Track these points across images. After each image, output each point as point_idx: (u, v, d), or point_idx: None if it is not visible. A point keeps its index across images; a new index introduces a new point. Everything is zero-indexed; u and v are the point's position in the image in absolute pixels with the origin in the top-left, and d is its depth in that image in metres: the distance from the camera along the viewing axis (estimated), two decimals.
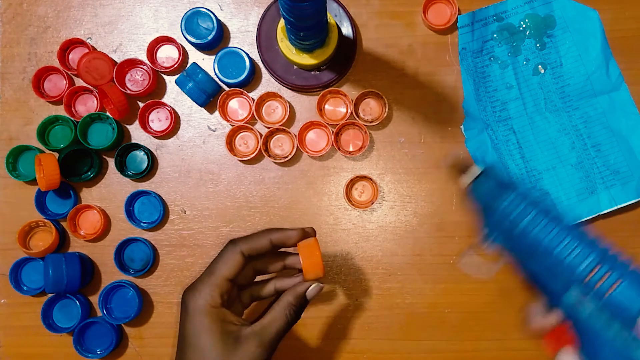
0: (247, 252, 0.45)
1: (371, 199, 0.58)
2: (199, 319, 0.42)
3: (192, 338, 0.42)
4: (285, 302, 0.45)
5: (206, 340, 0.42)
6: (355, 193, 0.59)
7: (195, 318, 0.42)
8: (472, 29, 0.58)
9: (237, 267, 0.44)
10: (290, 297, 0.45)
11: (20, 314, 0.59)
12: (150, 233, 0.59)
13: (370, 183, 0.58)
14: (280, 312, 0.44)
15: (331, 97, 0.59)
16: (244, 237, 0.45)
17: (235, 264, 0.44)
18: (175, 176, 0.60)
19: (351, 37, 0.58)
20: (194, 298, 0.43)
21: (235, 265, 0.44)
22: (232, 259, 0.44)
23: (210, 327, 0.42)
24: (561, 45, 0.59)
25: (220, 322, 0.42)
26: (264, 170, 0.60)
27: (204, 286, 0.43)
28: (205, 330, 0.42)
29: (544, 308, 0.43)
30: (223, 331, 0.42)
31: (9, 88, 0.61)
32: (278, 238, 0.46)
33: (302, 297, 0.46)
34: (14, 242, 0.57)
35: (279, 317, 0.44)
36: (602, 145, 0.58)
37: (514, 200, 0.41)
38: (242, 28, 0.60)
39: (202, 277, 0.44)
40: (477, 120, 0.58)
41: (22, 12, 0.61)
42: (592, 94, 0.58)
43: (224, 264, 0.44)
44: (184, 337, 0.43)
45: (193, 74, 0.57)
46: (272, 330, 0.43)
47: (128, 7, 0.61)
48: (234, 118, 0.59)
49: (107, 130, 0.59)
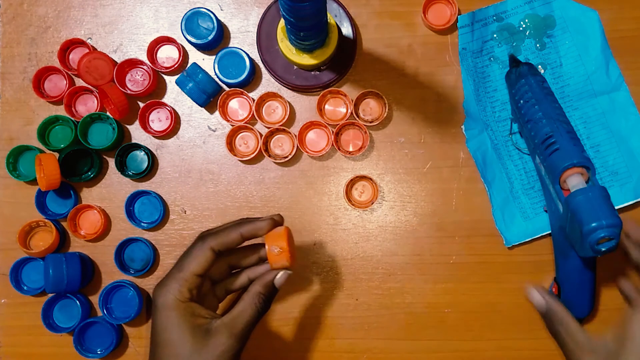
0: (217, 248, 0.44)
1: (371, 199, 0.58)
2: (167, 314, 0.42)
3: (162, 333, 0.42)
4: (253, 291, 0.45)
5: (175, 335, 0.42)
6: (355, 193, 0.59)
7: (164, 313, 0.43)
8: (472, 29, 0.58)
9: (207, 263, 0.44)
10: (259, 286, 0.45)
11: (21, 314, 0.59)
12: (150, 233, 0.59)
13: (370, 183, 0.58)
14: (250, 302, 0.44)
15: (331, 97, 0.59)
16: (214, 233, 0.45)
17: (204, 259, 0.44)
18: (175, 176, 0.60)
19: (351, 37, 0.58)
20: (162, 293, 0.43)
21: (204, 261, 0.44)
22: (202, 255, 0.44)
23: (179, 321, 0.42)
24: (561, 45, 0.59)
25: (190, 316, 0.43)
26: (264, 170, 0.60)
27: (172, 281, 0.43)
28: (174, 325, 0.42)
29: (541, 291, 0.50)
30: (192, 325, 0.42)
31: (9, 88, 0.61)
32: (248, 230, 0.45)
33: (271, 285, 0.46)
34: (14, 242, 0.57)
35: (249, 307, 0.44)
36: (602, 146, 0.58)
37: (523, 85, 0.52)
38: (242, 28, 0.60)
39: (170, 273, 0.44)
40: (477, 120, 0.59)
41: (22, 12, 0.61)
42: (592, 94, 0.58)
43: (193, 259, 0.44)
44: (155, 332, 0.43)
45: (193, 74, 0.57)
46: (242, 321, 0.43)
47: (128, 7, 0.61)
48: (234, 118, 0.59)
49: (108, 130, 0.59)
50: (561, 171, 0.47)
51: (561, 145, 0.48)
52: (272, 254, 0.45)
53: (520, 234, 0.58)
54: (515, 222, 0.58)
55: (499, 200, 0.58)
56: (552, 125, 0.49)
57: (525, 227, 0.58)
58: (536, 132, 0.50)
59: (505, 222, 0.58)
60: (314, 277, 0.59)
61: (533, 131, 0.51)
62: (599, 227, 0.43)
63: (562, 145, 0.48)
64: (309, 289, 0.58)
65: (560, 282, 0.54)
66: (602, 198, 0.44)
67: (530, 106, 0.51)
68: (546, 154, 0.49)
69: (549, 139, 0.49)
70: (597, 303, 0.58)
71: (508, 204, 0.58)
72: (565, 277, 0.53)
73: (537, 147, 0.50)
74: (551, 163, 0.48)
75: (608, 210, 0.43)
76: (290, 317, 0.58)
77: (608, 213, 0.43)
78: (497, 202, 0.58)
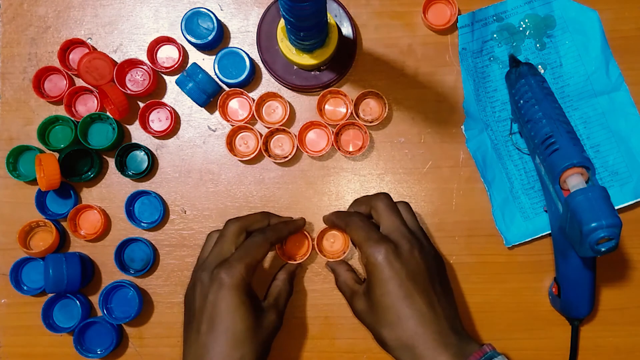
0: (273, 242, 0.51)
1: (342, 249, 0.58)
2: (233, 293, 0.46)
3: (225, 312, 0.46)
4: (282, 278, 0.55)
5: (241, 314, 0.46)
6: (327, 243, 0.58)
7: (231, 292, 0.46)
8: (472, 29, 0.58)
9: (266, 254, 0.51)
10: (285, 274, 0.55)
11: (21, 314, 0.59)
12: (150, 233, 0.59)
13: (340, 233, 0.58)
14: (282, 285, 0.54)
15: (331, 97, 0.59)
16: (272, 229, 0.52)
17: (265, 250, 0.50)
18: (175, 176, 0.60)
19: (351, 37, 0.58)
20: (231, 274, 0.47)
21: (265, 252, 0.50)
22: (264, 247, 0.50)
23: (243, 300, 0.47)
24: (561, 45, 0.59)
25: (250, 297, 0.48)
26: (264, 170, 0.60)
27: (240, 264, 0.47)
28: (238, 304, 0.46)
29: None
30: (252, 305, 0.48)
31: (9, 88, 0.61)
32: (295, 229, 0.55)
33: (293, 273, 0.56)
34: (14, 242, 0.57)
35: (283, 289, 0.54)
36: (601, 146, 0.58)
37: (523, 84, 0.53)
38: (242, 28, 0.60)
39: (236, 257, 0.48)
40: (477, 120, 0.59)
41: (22, 12, 0.61)
42: (592, 95, 0.58)
43: (259, 248, 0.50)
44: (216, 309, 0.46)
45: (193, 74, 0.57)
46: (282, 301, 0.53)
47: (128, 7, 0.61)
48: (234, 118, 0.59)
49: (108, 130, 0.59)
50: (561, 171, 0.47)
51: (561, 145, 0.48)
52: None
53: (520, 234, 0.58)
54: (515, 222, 0.58)
55: (499, 200, 0.58)
56: (552, 125, 0.49)
57: (525, 227, 0.58)
58: (536, 132, 0.50)
59: (505, 222, 0.58)
60: (314, 277, 0.59)
61: (533, 131, 0.51)
62: (598, 227, 0.43)
63: (562, 145, 0.48)
64: (309, 289, 0.58)
65: (560, 282, 0.54)
66: (602, 198, 0.44)
67: (530, 106, 0.51)
68: (546, 154, 0.49)
69: (549, 139, 0.49)
70: (597, 303, 0.58)
71: (508, 204, 0.58)
72: (565, 277, 0.53)
73: (537, 147, 0.50)
74: (551, 163, 0.48)
75: (608, 211, 0.43)
76: (290, 317, 0.58)
77: (608, 213, 0.43)
78: (497, 202, 0.58)
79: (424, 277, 0.47)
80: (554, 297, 0.56)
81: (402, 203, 0.52)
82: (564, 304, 0.54)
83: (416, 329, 0.45)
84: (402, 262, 0.46)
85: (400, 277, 0.45)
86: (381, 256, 0.46)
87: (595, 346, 0.58)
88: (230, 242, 0.50)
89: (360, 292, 0.50)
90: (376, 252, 0.46)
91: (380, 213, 0.50)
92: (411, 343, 0.45)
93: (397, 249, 0.46)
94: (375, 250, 0.46)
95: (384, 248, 0.46)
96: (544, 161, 0.50)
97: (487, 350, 0.45)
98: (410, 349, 0.45)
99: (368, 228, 0.49)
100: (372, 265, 0.46)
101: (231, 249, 0.50)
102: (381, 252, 0.46)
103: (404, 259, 0.46)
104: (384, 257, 0.46)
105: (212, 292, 0.47)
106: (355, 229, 0.49)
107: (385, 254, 0.46)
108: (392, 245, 0.46)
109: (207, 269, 0.48)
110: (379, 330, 0.47)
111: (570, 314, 0.55)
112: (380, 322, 0.47)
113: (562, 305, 0.55)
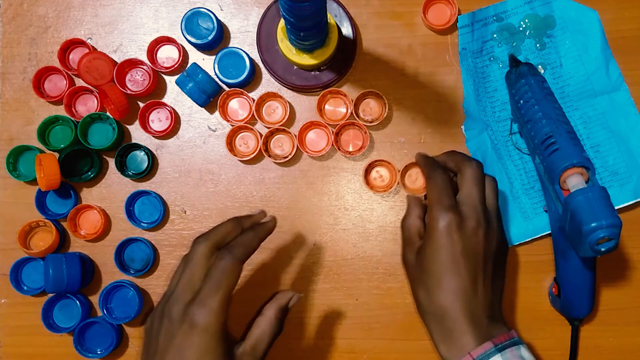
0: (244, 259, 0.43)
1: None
2: (207, 338, 0.40)
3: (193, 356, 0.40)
4: (269, 315, 0.45)
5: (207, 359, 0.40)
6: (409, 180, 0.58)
7: (202, 338, 0.40)
8: (472, 29, 0.58)
9: (238, 276, 0.43)
10: (274, 310, 0.46)
11: (20, 314, 0.59)
12: (150, 233, 0.59)
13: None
14: (267, 326, 0.45)
15: (331, 97, 0.59)
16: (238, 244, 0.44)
17: (238, 274, 0.42)
18: (175, 176, 0.60)
19: (351, 37, 0.58)
20: (204, 314, 0.40)
21: (238, 276, 0.42)
22: (236, 269, 0.42)
23: (217, 345, 0.41)
24: (561, 45, 0.59)
25: (224, 341, 0.41)
26: (264, 170, 0.60)
27: (213, 300, 0.40)
28: (210, 349, 0.40)
29: None
30: (225, 351, 0.41)
31: (9, 88, 0.61)
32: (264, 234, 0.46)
33: (285, 308, 0.47)
34: (14, 242, 0.57)
35: (267, 331, 0.45)
36: (601, 146, 0.58)
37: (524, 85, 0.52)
38: (242, 28, 0.60)
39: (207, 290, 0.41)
40: (477, 120, 0.59)
41: (22, 12, 0.61)
42: (592, 95, 0.58)
43: (231, 273, 0.42)
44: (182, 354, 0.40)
45: (193, 74, 0.57)
46: (262, 347, 0.44)
47: (128, 7, 0.61)
48: (234, 118, 0.59)
49: (108, 130, 0.59)
50: (561, 171, 0.47)
51: (561, 146, 0.48)
52: None
53: (520, 234, 0.58)
54: (515, 222, 0.58)
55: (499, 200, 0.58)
56: (552, 125, 0.49)
57: (525, 227, 0.58)
58: (536, 132, 0.50)
59: (506, 222, 0.58)
60: (314, 277, 0.59)
61: (533, 131, 0.51)
62: (598, 227, 0.43)
63: (561, 146, 0.48)
64: (309, 289, 0.58)
65: (560, 282, 0.54)
66: (601, 198, 0.44)
67: (530, 106, 0.51)
68: (546, 154, 0.49)
69: (549, 139, 0.49)
70: (597, 303, 0.58)
71: (508, 204, 0.58)
72: (565, 277, 0.53)
73: (536, 147, 0.50)
74: (551, 163, 0.48)
75: (608, 211, 0.43)
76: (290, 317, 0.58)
77: (608, 213, 0.43)
78: None
79: (479, 257, 0.46)
80: (554, 297, 0.56)
81: (490, 178, 0.50)
82: (564, 304, 0.54)
83: (452, 302, 0.44)
84: (461, 236, 0.45)
85: (454, 250, 0.45)
86: (444, 223, 0.45)
87: (595, 346, 0.58)
88: (200, 267, 0.43)
89: (416, 246, 0.48)
90: (440, 218, 0.45)
91: (465, 180, 0.48)
92: (443, 313, 0.45)
93: (462, 222, 0.46)
94: (440, 216, 0.45)
95: (450, 217, 0.45)
96: (543, 161, 0.50)
97: (515, 336, 0.45)
98: (440, 318, 0.45)
99: (444, 190, 0.47)
100: (432, 229, 0.46)
101: (202, 275, 0.42)
102: (445, 220, 0.45)
103: (465, 234, 0.45)
104: (445, 226, 0.45)
105: (180, 333, 0.40)
106: (433, 185, 0.48)
107: (449, 223, 0.45)
108: (458, 217, 0.46)
109: (178, 303, 0.42)
110: (417, 289, 0.47)
111: (570, 314, 0.55)
112: (422, 283, 0.46)
113: (562, 306, 0.55)
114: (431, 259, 0.46)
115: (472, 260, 0.45)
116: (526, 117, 0.52)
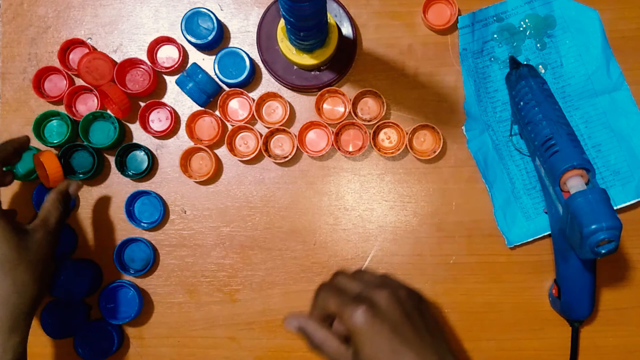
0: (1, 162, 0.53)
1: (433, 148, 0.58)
2: None
3: None
4: (51, 197, 0.54)
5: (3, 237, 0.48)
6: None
7: None
8: (473, 29, 0.58)
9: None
10: (54, 194, 0.54)
11: None
12: (150, 233, 0.59)
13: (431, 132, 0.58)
14: (51, 205, 0.53)
15: (329, 97, 0.59)
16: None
17: None
18: (175, 176, 0.60)
19: (351, 37, 0.58)
20: None
21: None
22: None
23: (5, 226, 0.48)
24: (561, 45, 0.59)
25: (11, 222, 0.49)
26: (264, 170, 0.60)
27: None
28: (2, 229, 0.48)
29: None
30: (14, 228, 0.49)
31: (9, 88, 0.61)
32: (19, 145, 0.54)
33: (66, 192, 0.55)
34: None
35: (52, 209, 0.53)
36: (603, 146, 0.58)
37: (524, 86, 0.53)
38: (242, 28, 0.60)
39: None
40: (478, 120, 0.58)
41: (22, 12, 0.61)
42: (593, 94, 0.58)
43: None
44: None
45: (193, 74, 0.57)
46: (52, 220, 0.52)
47: (128, 7, 0.61)
48: (234, 118, 0.59)
49: (109, 129, 0.59)
50: (561, 173, 0.47)
51: (561, 147, 0.48)
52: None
53: (522, 234, 0.57)
54: (517, 222, 0.58)
55: (501, 200, 0.58)
56: (552, 127, 0.49)
57: (527, 227, 0.58)
58: (536, 133, 0.50)
59: (507, 223, 0.58)
60: (314, 277, 0.59)
61: (533, 133, 0.51)
62: (599, 229, 0.43)
63: (562, 147, 0.48)
64: (309, 289, 0.58)
65: (560, 284, 0.54)
66: (602, 200, 0.44)
67: (530, 108, 0.51)
68: (546, 156, 0.49)
69: (549, 141, 0.49)
70: (597, 305, 0.58)
71: (510, 205, 0.58)
72: (565, 278, 0.53)
73: (537, 149, 0.50)
74: (551, 165, 0.48)
75: (608, 213, 0.43)
76: None
77: (608, 215, 0.43)
78: (499, 203, 0.58)
79: (407, 325, 0.44)
80: (554, 299, 0.56)
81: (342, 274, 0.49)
82: (564, 305, 0.54)
83: None
84: (381, 318, 0.43)
85: (384, 335, 0.43)
86: (361, 318, 0.43)
87: (595, 346, 0.58)
88: None
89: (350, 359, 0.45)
90: (356, 314, 0.43)
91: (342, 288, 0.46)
92: None
93: (372, 304, 0.44)
94: (354, 312, 0.43)
95: (362, 307, 0.43)
96: (544, 163, 0.49)
97: None
98: None
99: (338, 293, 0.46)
100: (355, 332, 0.43)
101: None
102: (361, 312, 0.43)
103: (382, 313, 0.43)
104: (364, 318, 0.43)
105: None
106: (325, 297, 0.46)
107: (365, 311, 0.43)
108: (367, 302, 0.44)
109: None
110: None
111: (570, 316, 0.55)
112: None
113: (562, 307, 0.55)
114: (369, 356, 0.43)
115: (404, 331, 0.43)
116: (526, 118, 0.52)
